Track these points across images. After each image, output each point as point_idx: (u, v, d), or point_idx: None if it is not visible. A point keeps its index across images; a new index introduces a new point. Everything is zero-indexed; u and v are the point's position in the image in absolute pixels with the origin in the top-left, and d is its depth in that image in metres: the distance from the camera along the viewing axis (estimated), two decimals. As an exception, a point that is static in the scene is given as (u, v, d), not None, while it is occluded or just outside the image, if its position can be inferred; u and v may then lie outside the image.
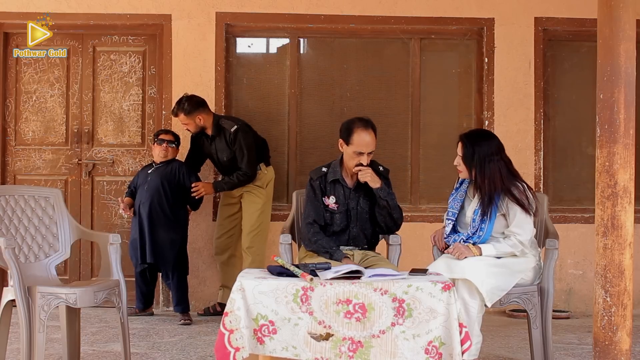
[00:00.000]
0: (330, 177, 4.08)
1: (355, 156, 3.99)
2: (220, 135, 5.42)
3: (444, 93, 6.20)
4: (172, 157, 5.50)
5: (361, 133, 3.97)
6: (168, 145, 5.45)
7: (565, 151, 6.20)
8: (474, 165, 3.82)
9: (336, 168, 4.11)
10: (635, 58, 3.29)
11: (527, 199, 3.80)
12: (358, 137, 3.97)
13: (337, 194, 4.07)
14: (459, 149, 3.90)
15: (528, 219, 3.81)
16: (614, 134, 3.25)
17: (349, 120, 4.07)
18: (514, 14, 6.01)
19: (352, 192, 4.08)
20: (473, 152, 3.83)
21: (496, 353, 4.50)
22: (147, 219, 5.35)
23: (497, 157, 3.83)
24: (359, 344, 3.13)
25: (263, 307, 3.15)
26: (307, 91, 6.13)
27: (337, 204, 4.06)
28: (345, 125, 4.06)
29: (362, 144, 3.97)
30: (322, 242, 3.96)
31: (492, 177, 3.78)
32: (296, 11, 5.95)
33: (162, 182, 5.39)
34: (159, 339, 4.81)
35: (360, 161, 3.98)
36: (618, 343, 3.24)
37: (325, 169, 4.12)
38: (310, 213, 4.05)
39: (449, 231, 3.94)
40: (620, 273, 3.24)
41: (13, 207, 4.11)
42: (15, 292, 3.60)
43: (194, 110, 5.37)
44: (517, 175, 3.89)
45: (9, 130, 6.02)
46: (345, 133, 4.02)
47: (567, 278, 6.00)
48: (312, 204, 4.06)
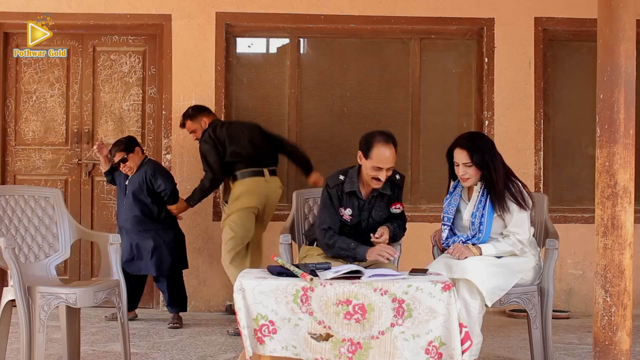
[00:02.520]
0: (347, 188, 3.94)
1: (373, 170, 3.83)
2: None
3: (444, 93, 6.20)
4: (137, 166, 5.35)
5: (381, 148, 3.80)
6: (123, 163, 5.32)
7: (565, 151, 6.20)
8: (485, 164, 3.79)
9: (353, 178, 3.95)
10: (635, 58, 3.29)
11: (522, 196, 3.81)
12: (377, 152, 3.80)
13: (352, 206, 3.96)
14: (463, 157, 3.82)
15: (525, 218, 3.81)
16: (614, 134, 3.25)
17: (369, 133, 3.90)
18: (514, 14, 6.01)
19: (365, 204, 3.98)
20: (482, 153, 3.79)
21: (496, 353, 4.50)
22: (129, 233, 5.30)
23: (494, 149, 3.87)
24: (358, 345, 3.14)
25: (263, 307, 3.15)
26: (307, 91, 6.13)
27: (352, 216, 3.96)
28: (365, 138, 3.89)
29: (382, 159, 3.80)
30: (340, 244, 3.83)
31: (498, 171, 3.79)
32: (296, 11, 5.95)
33: (139, 193, 5.31)
34: (159, 339, 4.82)
35: (379, 176, 3.83)
36: (618, 343, 3.24)
37: (342, 177, 3.97)
38: (326, 219, 3.92)
39: (445, 236, 3.93)
40: (620, 273, 3.24)
41: (13, 207, 4.11)
42: (15, 292, 3.61)
43: (198, 114, 5.38)
44: (510, 172, 3.92)
45: (9, 130, 6.02)
46: (365, 146, 3.85)
47: (567, 278, 6.00)
48: (329, 211, 3.94)
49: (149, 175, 5.32)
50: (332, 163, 6.07)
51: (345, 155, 6.05)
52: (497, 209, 3.79)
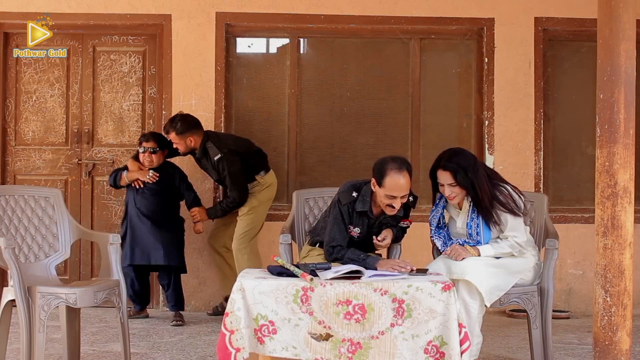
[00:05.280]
0: (358, 207, 3.87)
1: (387, 198, 3.72)
2: (206, 158, 5.35)
3: (444, 93, 6.20)
4: (159, 163, 5.41)
5: (394, 176, 3.67)
6: (151, 153, 5.37)
7: (565, 151, 6.20)
8: (468, 183, 3.76)
9: (366, 198, 3.86)
10: (635, 58, 3.29)
11: (513, 201, 3.79)
12: (391, 181, 3.68)
13: (362, 224, 3.92)
14: (446, 178, 3.78)
15: (520, 222, 3.82)
16: (614, 134, 3.25)
17: (382, 160, 3.77)
18: (514, 14, 6.01)
19: (375, 222, 3.95)
20: (465, 171, 3.76)
21: (496, 353, 4.50)
22: (144, 223, 5.33)
23: (477, 164, 3.83)
24: (357, 345, 3.14)
25: (263, 307, 3.15)
26: (307, 91, 6.13)
27: (360, 234, 3.93)
28: (378, 166, 3.76)
29: (396, 188, 3.68)
30: (350, 255, 3.75)
31: (482, 186, 3.76)
32: (296, 11, 5.95)
33: (156, 188, 5.37)
34: (159, 339, 4.81)
35: (393, 204, 3.72)
36: (618, 343, 3.24)
37: (355, 194, 3.87)
38: (335, 237, 3.84)
39: (441, 244, 3.93)
40: (620, 273, 3.24)
41: (13, 207, 4.11)
42: (15, 292, 3.61)
43: (186, 131, 5.28)
44: (495, 176, 3.89)
45: (9, 130, 6.02)
46: (378, 174, 3.73)
47: (567, 278, 6.00)
48: (339, 227, 3.86)
49: (176, 176, 5.47)
50: (331, 163, 6.08)
51: (345, 156, 6.06)
52: (487, 224, 3.79)
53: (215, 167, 5.32)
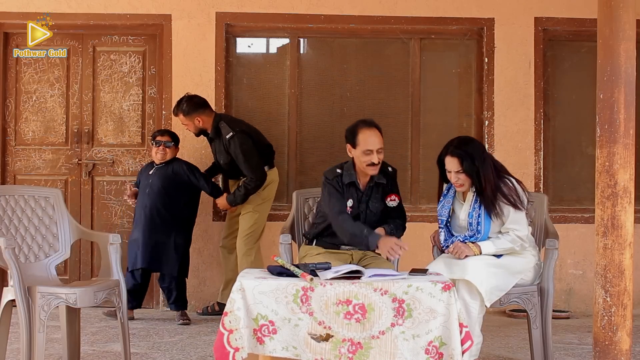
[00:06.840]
0: (346, 180, 4.02)
1: (365, 156, 3.93)
2: (218, 138, 5.37)
3: (444, 93, 6.20)
4: (171, 157, 5.48)
5: (366, 132, 3.96)
6: (165, 147, 5.43)
7: (565, 151, 6.20)
8: (474, 171, 3.77)
9: (350, 171, 4.05)
10: (635, 58, 3.29)
11: (517, 195, 3.80)
12: (363, 136, 3.94)
13: (352, 197, 4.03)
14: (454, 165, 3.81)
15: (522, 215, 3.82)
16: (614, 134, 3.25)
17: (351, 125, 4.06)
18: (514, 14, 6.01)
19: (363, 196, 4.04)
20: (472, 159, 3.77)
21: (496, 353, 4.50)
22: (150, 223, 5.34)
23: (485, 154, 3.86)
24: (358, 345, 3.13)
25: (263, 307, 3.15)
26: (307, 91, 6.13)
27: (352, 208, 4.01)
28: (349, 130, 4.04)
29: (369, 141, 3.93)
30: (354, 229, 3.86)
31: (487, 176, 3.77)
32: (296, 11, 5.95)
33: (164, 185, 5.38)
34: (159, 339, 4.81)
35: (372, 160, 3.92)
36: (618, 343, 3.24)
37: (339, 170, 4.07)
38: (335, 204, 3.96)
39: (444, 238, 3.94)
40: (620, 273, 3.24)
41: (13, 207, 4.11)
42: (15, 292, 3.60)
43: (193, 112, 5.34)
44: (502, 169, 3.90)
45: (9, 130, 6.02)
46: (351, 136, 4.00)
47: (567, 278, 6.00)
48: (336, 197, 3.99)
49: (183, 169, 5.44)
50: (332, 163, 6.01)
51: (345, 156, 6.02)
52: (489, 214, 3.79)
53: (227, 147, 5.31)
